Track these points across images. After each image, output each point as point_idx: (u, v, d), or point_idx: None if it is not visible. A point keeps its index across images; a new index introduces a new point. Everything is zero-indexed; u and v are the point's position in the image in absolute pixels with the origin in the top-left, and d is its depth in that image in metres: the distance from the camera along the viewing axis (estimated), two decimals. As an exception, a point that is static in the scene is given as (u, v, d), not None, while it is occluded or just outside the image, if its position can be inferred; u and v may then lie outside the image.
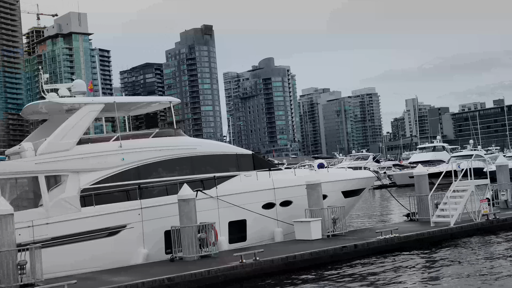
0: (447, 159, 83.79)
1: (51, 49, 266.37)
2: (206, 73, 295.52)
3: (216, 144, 27.39)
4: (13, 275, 18.06)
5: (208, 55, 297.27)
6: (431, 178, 31.21)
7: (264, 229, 25.43)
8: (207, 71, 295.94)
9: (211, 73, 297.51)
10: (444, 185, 29.12)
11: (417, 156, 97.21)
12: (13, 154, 22.31)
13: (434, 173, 49.80)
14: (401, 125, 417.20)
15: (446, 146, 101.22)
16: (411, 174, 50.52)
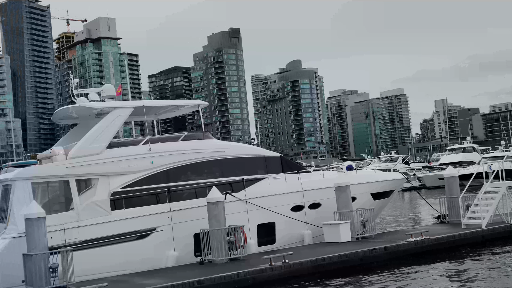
0: (477, 160, 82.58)
1: (80, 54, 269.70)
2: (234, 76, 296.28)
3: (245, 147, 27.43)
4: (45, 277, 18.30)
5: (235, 58, 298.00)
6: (461, 179, 30.83)
7: (293, 231, 25.37)
8: (234, 74, 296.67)
9: (238, 76, 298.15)
10: (475, 187, 28.72)
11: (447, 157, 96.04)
12: (45, 158, 22.57)
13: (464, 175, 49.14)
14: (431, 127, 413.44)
15: (476, 147, 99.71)
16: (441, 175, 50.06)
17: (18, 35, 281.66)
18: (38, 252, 18.32)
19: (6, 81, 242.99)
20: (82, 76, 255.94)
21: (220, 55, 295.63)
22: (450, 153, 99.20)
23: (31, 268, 18.35)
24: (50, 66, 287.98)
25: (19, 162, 23.22)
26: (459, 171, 36.72)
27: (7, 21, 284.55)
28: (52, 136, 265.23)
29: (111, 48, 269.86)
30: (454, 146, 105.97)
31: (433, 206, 31.99)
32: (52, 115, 26.21)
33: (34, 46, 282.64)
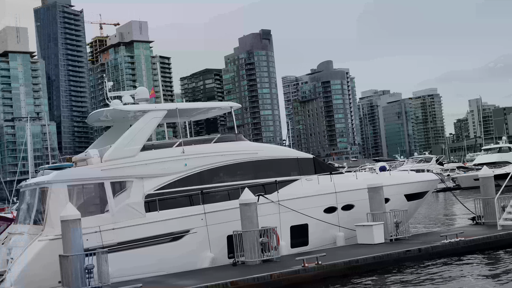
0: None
1: (113, 58, 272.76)
2: (265, 78, 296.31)
3: (277, 148, 27.51)
4: (81, 278, 18.56)
5: (266, 60, 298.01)
6: (497, 180, 30.37)
7: (326, 233, 25.30)
8: (265, 75, 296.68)
9: (269, 78, 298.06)
10: (511, 187, 28.28)
11: (482, 157, 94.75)
12: (80, 160, 22.89)
13: (500, 175, 48.46)
14: (465, 126, 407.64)
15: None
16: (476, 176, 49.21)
17: (53, 40, 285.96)
18: (74, 254, 18.59)
19: (41, 85, 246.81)
20: (115, 80, 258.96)
21: (251, 57, 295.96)
22: (485, 153, 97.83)
23: (67, 269, 18.63)
24: (84, 70, 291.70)
25: (55, 165, 23.57)
26: (494, 171, 36.27)
27: (42, 26, 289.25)
28: (86, 139, 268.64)
29: (143, 51, 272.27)
30: (489, 146, 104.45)
31: (468, 207, 31.57)
32: (86, 118, 26.58)
33: (68, 50, 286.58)
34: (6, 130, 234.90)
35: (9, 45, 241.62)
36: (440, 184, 32.03)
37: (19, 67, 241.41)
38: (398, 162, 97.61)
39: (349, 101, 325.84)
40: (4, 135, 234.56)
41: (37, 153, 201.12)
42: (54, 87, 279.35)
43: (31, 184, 22.36)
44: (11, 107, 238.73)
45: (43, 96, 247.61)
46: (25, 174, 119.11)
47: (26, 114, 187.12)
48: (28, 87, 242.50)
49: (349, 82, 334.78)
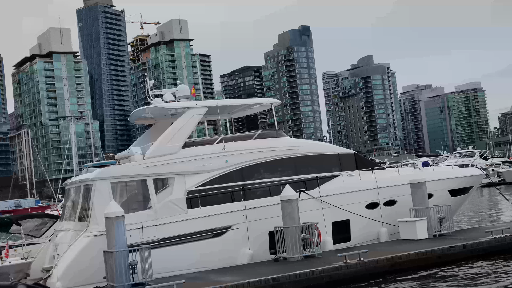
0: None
1: (154, 56, 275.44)
2: (305, 74, 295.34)
3: (318, 144, 27.31)
4: (125, 274, 18.81)
5: (306, 56, 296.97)
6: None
7: (369, 229, 25.09)
8: (305, 71, 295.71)
9: (309, 74, 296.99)
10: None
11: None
12: (123, 158, 23.19)
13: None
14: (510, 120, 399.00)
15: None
16: (521, 171, 48.25)
17: (95, 40, 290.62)
18: (118, 250, 18.84)
19: (84, 85, 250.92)
20: (156, 78, 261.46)
21: (291, 53, 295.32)
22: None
23: (112, 265, 18.89)
24: (126, 69, 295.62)
25: (99, 162, 23.93)
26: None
27: (84, 26, 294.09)
28: (129, 137, 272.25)
29: (183, 49, 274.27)
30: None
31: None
32: (128, 116, 26.89)
33: (110, 50, 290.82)
34: (51, 129, 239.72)
35: (53, 46, 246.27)
36: (484, 179, 31.40)
37: (62, 68, 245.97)
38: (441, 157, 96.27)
39: (390, 96, 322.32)
40: (49, 134, 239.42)
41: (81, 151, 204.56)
42: (96, 86, 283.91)
43: (75, 182, 22.75)
44: (55, 106, 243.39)
45: (86, 96, 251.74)
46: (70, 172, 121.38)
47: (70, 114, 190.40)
48: (72, 87, 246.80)
49: (390, 77, 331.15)
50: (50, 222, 24.95)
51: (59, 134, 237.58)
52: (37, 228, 24.81)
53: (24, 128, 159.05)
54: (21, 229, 23.05)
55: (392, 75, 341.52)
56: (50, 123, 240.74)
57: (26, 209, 62.97)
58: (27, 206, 69.13)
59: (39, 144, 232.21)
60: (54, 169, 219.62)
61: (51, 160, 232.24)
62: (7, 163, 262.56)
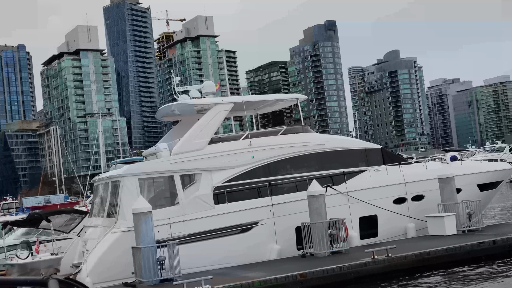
0: None
1: (180, 53, 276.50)
2: (331, 69, 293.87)
3: (345, 139, 27.16)
4: (153, 270, 18.96)
5: (332, 51, 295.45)
6: None
7: (396, 224, 24.90)
8: (331, 67, 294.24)
9: (335, 69, 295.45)
10: None
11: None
12: (150, 154, 23.34)
13: None
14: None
15: None
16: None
17: (122, 37, 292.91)
18: (146, 246, 19.00)
19: (111, 82, 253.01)
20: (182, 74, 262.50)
21: (316, 48, 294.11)
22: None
23: (140, 260, 19.06)
24: (152, 66, 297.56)
25: (127, 159, 24.12)
26: None
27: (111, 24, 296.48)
28: (155, 134, 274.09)
29: (209, 45, 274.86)
30: None
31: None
32: (154, 113, 27.06)
33: (136, 47, 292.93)
34: (79, 126, 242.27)
35: (80, 43, 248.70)
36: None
37: (90, 65, 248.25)
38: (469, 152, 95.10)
39: (417, 91, 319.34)
40: (77, 131, 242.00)
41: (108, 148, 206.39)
42: (123, 83, 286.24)
43: (104, 178, 22.97)
44: (83, 103, 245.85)
45: (113, 93, 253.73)
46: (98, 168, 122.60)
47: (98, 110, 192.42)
48: (99, 84, 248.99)
49: (417, 71, 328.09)
50: (79, 218, 25.24)
51: (87, 131, 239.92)
52: (66, 224, 25.12)
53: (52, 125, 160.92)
54: (51, 225, 23.35)
55: (419, 70, 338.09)
56: (78, 120, 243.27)
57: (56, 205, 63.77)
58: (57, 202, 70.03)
59: (68, 141, 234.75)
60: (82, 165, 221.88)
61: (79, 157, 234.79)
62: (37, 159, 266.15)
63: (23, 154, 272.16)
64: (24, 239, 24.88)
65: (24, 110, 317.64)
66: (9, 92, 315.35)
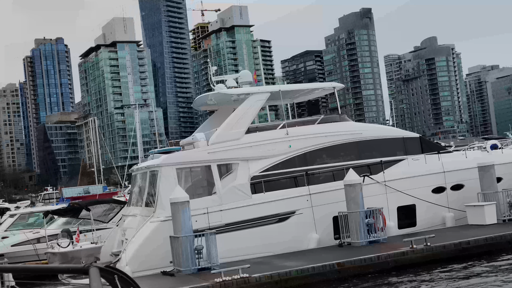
0: None
1: (215, 43, 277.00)
2: (366, 57, 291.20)
3: (382, 128, 26.90)
4: (191, 259, 19.12)
5: (367, 39, 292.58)
6: None
7: (435, 214, 24.61)
8: (367, 55, 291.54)
9: (371, 57, 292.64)
10: None
11: None
12: (187, 144, 23.47)
13: None
14: None
15: None
16: None
17: (157, 28, 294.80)
18: (184, 235, 19.15)
19: (147, 73, 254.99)
20: (218, 65, 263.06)
21: (352, 37, 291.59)
22: None
23: (178, 249, 19.24)
24: (187, 57, 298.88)
25: (164, 149, 24.31)
26: None
27: (146, 15, 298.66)
28: (191, 124, 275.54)
29: (244, 35, 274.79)
30: None
31: None
32: (190, 103, 27.27)
33: (172, 38, 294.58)
34: (116, 117, 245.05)
35: (117, 35, 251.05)
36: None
37: (126, 57, 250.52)
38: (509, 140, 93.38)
39: (455, 78, 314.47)
40: (115, 122, 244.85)
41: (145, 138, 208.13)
42: (159, 74, 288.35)
43: (142, 168, 23.20)
44: (120, 95, 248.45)
45: (150, 84, 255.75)
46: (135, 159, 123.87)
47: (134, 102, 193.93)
48: (136, 75, 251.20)
49: (455, 58, 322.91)
50: (117, 208, 25.60)
51: (124, 122, 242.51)
52: (105, 213, 25.52)
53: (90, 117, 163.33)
54: (91, 214, 23.72)
55: (457, 56, 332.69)
56: (115, 111, 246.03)
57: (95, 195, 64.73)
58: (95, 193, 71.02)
59: (105, 132, 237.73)
60: (120, 156, 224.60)
61: (117, 148, 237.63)
62: (76, 151, 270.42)
63: (63, 146, 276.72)
64: (64, 228, 25.35)
65: (63, 102, 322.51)
66: (48, 84, 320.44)
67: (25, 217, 32.31)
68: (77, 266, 5.28)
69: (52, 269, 9.97)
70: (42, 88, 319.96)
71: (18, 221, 31.56)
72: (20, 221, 31.64)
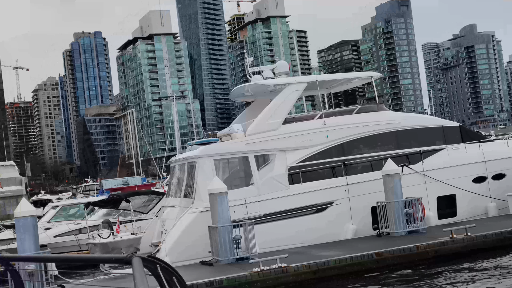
0: None
1: (251, 34, 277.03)
2: (404, 46, 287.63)
3: (421, 118, 26.58)
4: (229, 249, 19.24)
5: (405, 27, 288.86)
6: None
7: (476, 203, 24.23)
8: (405, 43, 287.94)
9: (409, 45, 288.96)
10: None
11: None
12: (224, 136, 23.57)
13: None
14: None
15: None
16: None
17: (193, 20, 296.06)
18: (222, 225, 19.27)
19: (184, 65, 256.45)
20: (254, 56, 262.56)
21: (389, 25, 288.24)
22: None
23: (216, 240, 19.37)
24: (223, 48, 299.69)
25: (202, 140, 24.46)
26: None
27: (182, 7, 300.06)
28: (228, 115, 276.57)
29: (280, 26, 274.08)
30: None
31: None
32: (227, 95, 27.38)
33: (208, 29, 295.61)
34: (154, 109, 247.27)
35: (153, 28, 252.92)
36: None
37: (163, 49, 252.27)
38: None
39: (496, 66, 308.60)
40: (152, 114, 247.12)
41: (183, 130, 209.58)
42: (196, 66, 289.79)
43: (180, 159, 23.39)
44: (157, 87, 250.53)
45: (186, 75, 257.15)
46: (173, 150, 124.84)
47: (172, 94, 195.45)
48: (172, 67, 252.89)
49: (495, 46, 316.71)
50: (156, 199, 25.87)
51: (162, 114, 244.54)
52: (144, 204, 25.82)
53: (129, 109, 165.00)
54: (131, 205, 24.02)
55: (497, 44, 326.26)
56: (153, 103, 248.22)
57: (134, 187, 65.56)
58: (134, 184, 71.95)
59: (143, 124, 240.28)
60: (158, 147, 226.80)
61: (154, 139, 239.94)
62: (115, 143, 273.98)
63: (102, 138, 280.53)
64: (105, 219, 25.75)
65: (102, 95, 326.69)
66: (87, 77, 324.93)
67: (67, 209, 32.94)
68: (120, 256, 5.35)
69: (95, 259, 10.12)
70: (81, 81, 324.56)
71: (60, 213, 32.19)
72: (61, 213, 32.27)
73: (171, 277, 5.35)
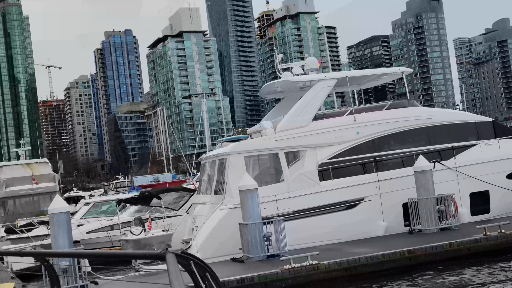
0: None
1: (280, 31, 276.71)
2: (435, 41, 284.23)
3: (453, 113, 26.25)
4: (260, 246, 19.25)
5: (436, 22, 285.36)
6: None
7: (510, 200, 23.74)
8: (435, 38, 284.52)
9: (440, 41, 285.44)
10: None
11: None
12: (255, 132, 23.57)
13: None
14: None
15: None
16: None
17: (222, 17, 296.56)
18: (253, 222, 19.30)
19: (214, 62, 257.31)
20: (283, 52, 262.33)
21: (420, 20, 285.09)
22: None
23: (247, 236, 19.41)
24: (253, 45, 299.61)
25: (232, 137, 24.51)
26: None
27: (212, 5, 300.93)
28: (258, 112, 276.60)
29: (309, 22, 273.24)
30: None
31: None
32: (256, 92, 27.40)
33: (237, 26, 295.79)
34: (184, 106, 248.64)
35: (183, 25, 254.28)
36: None
37: (193, 46, 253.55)
38: None
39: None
40: (183, 112, 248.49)
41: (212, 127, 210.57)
42: (225, 63, 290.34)
43: (210, 156, 23.47)
44: (187, 84, 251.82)
45: (216, 73, 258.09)
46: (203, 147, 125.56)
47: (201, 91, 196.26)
48: (202, 65, 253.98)
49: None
50: (187, 196, 26.02)
51: (192, 111, 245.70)
52: (175, 201, 25.98)
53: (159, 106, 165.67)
54: (162, 202, 24.19)
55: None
56: (183, 100, 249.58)
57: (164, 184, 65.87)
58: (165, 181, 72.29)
59: (174, 121, 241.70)
60: (188, 144, 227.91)
61: (185, 136, 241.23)
62: (145, 140, 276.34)
63: (132, 135, 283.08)
64: (136, 216, 25.98)
65: (132, 93, 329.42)
66: (118, 75, 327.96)
67: (99, 205, 33.34)
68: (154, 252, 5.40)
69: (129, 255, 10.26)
70: (112, 79, 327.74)
71: (92, 209, 32.61)
72: (94, 209, 32.68)
73: (205, 273, 5.38)
